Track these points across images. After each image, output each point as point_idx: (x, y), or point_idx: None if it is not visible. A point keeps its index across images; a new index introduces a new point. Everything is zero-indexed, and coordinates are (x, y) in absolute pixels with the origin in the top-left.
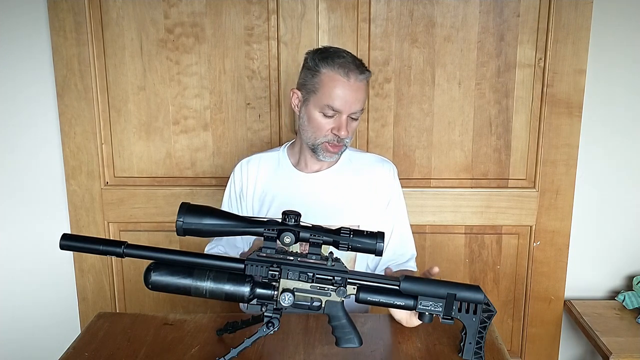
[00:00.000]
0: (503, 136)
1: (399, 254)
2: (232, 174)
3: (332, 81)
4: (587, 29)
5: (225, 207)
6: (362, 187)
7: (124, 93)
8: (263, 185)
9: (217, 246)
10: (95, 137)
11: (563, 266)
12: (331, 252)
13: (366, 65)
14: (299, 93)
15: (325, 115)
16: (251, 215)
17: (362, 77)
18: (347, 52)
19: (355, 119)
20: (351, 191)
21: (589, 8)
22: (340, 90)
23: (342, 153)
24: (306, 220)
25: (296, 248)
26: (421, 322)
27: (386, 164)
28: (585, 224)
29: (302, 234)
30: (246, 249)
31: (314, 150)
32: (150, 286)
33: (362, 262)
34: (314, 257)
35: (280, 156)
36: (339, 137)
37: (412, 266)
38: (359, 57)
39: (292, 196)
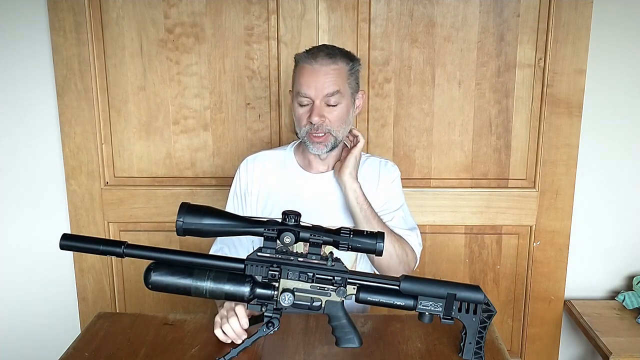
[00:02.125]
0: (503, 136)
1: None
2: (237, 171)
3: (301, 69)
4: (587, 29)
5: (229, 204)
6: (366, 190)
7: (124, 93)
8: (268, 184)
9: (222, 248)
10: (95, 137)
11: (563, 266)
12: (331, 252)
13: (356, 57)
14: (291, 92)
15: (301, 105)
16: (252, 215)
17: (330, 62)
18: (332, 46)
19: (334, 105)
20: None
21: (589, 8)
22: (306, 76)
23: (333, 145)
24: (311, 220)
25: (300, 248)
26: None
27: (388, 166)
28: (585, 224)
29: (302, 234)
30: (250, 249)
31: (305, 144)
32: (150, 286)
33: (363, 263)
34: (314, 257)
35: (286, 155)
36: (313, 124)
37: (414, 245)
38: (358, 56)
39: (297, 196)
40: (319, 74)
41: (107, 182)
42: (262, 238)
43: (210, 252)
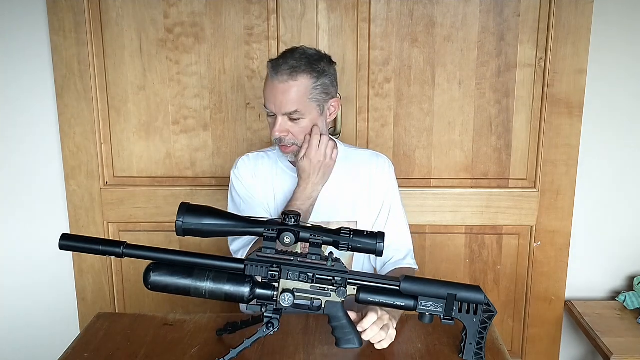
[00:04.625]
0: (503, 136)
1: (394, 248)
2: (235, 169)
3: (266, 80)
4: (587, 29)
5: (231, 207)
6: (358, 183)
7: (124, 93)
8: (263, 183)
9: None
10: (95, 137)
11: (563, 266)
12: (331, 252)
13: (326, 66)
14: None
15: (268, 115)
16: (251, 216)
17: (289, 79)
18: (302, 53)
19: (296, 119)
20: (348, 187)
21: (590, 8)
22: (267, 90)
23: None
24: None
25: (296, 248)
26: (384, 345)
27: (380, 158)
28: (586, 224)
29: (302, 234)
30: None
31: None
32: (149, 286)
33: (359, 261)
34: (314, 257)
35: (277, 155)
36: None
37: (410, 264)
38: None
39: (290, 193)
40: (278, 91)
41: (107, 182)
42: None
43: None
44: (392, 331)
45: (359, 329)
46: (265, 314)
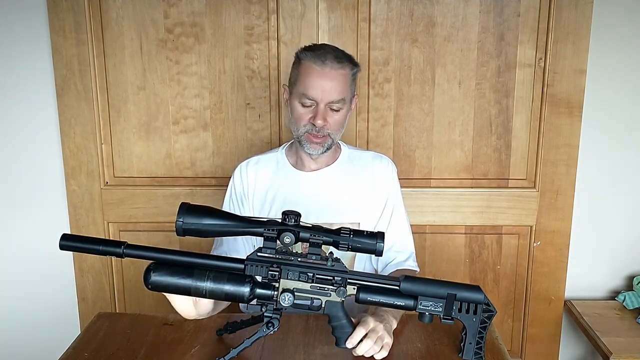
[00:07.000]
0: (503, 136)
1: (396, 250)
2: (232, 177)
3: (308, 70)
4: (587, 29)
5: (225, 206)
6: (361, 184)
7: (124, 93)
8: (264, 187)
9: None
10: (95, 137)
11: (563, 266)
12: (331, 252)
13: (357, 61)
14: (287, 87)
15: (303, 105)
16: (251, 216)
17: (339, 67)
18: (335, 47)
19: (337, 110)
20: (351, 188)
21: (589, 8)
22: (314, 78)
23: (328, 146)
24: (307, 218)
25: (298, 248)
26: (384, 354)
27: (384, 160)
28: (585, 224)
29: (302, 234)
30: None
31: (300, 142)
32: (150, 286)
33: (361, 262)
34: (314, 257)
35: (278, 157)
36: (315, 126)
37: (412, 266)
38: (358, 57)
39: (293, 195)
40: (327, 79)
41: (107, 182)
42: (262, 238)
43: None
44: (388, 340)
45: (349, 346)
46: (265, 314)
